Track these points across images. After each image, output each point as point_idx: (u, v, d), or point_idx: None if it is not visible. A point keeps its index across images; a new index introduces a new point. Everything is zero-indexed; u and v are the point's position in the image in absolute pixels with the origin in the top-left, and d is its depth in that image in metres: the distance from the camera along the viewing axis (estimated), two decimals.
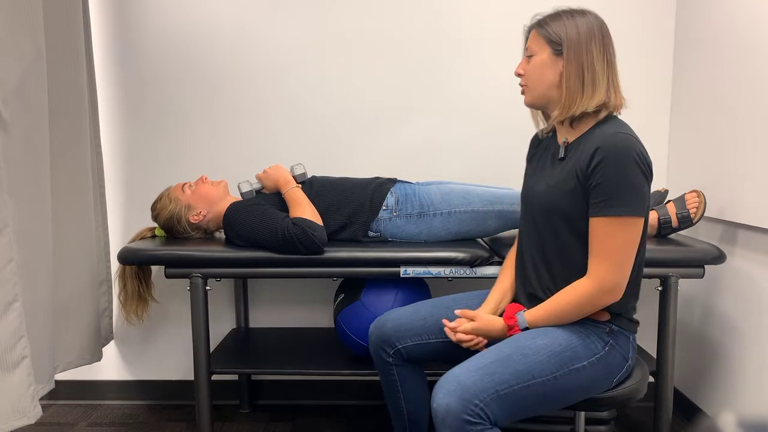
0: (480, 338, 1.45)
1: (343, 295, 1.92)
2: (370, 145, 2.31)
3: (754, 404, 1.81)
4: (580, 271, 1.38)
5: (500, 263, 1.81)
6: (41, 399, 2.24)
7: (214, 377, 1.94)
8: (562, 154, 1.43)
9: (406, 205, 1.90)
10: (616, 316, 1.40)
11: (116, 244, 2.33)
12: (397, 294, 1.86)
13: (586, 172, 1.33)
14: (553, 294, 1.41)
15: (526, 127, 2.29)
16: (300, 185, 1.93)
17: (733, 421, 1.90)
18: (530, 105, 1.48)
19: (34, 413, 1.52)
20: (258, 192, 2.00)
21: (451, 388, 1.26)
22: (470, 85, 2.28)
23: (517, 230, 2.07)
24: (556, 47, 1.38)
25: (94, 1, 2.23)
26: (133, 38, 2.26)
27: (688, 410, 2.13)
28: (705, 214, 2.00)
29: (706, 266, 1.80)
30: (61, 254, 1.91)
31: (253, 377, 2.39)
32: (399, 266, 1.79)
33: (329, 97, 2.29)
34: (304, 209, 1.82)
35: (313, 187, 1.95)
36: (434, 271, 1.80)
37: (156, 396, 2.42)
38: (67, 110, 1.90)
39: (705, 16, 2.04)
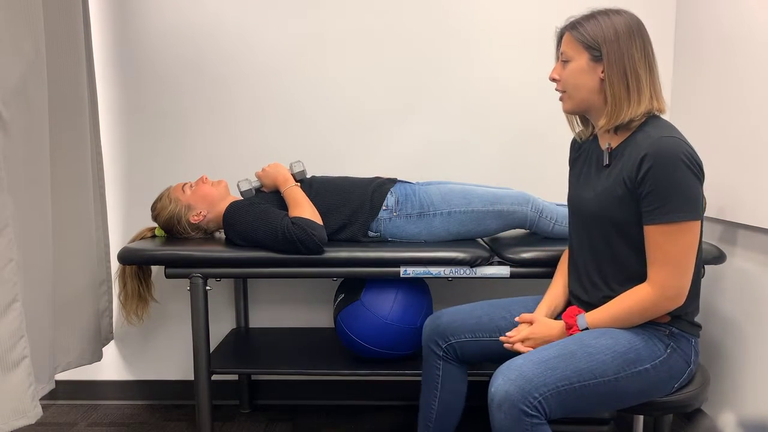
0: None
1: (343, 295, 1.92)
2: (370, 145, 2.31)
3: (754, 404, 1.80)
4: (636, 277, 1.35)
5: (500, 263, 1.81)
6: (41, 399, 2.24)
7: (214, 377, 1.94)
8: (606, 161, 1.39)
9: (406, 205, 1.90)
10: (676, 319, 1.37)
11: (116, 244, 2.33)
12: (397, 294, 1.86)
13: (635, 180, 1.29)
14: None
15: (526, 128, 2.29)
16: (299, 183, 1.93)
17: (733, 421, 1.90)
18: (570, 112, 1.43)
19: (34, 413, 1.51)
20: (257, 190, 2.00)
21: (512, 376, 1.24)
22: (471, 86, 2.28)
23: (519, 230, 2.08)
24: (595, 53, 1.33)
25: (94, 1, 2.23)
26: (133, 38, 2.26)
27: None
28: (705, 214, 1.99)
29: (706, 266, 1.80)
30: (61, 254, 1.90)
31: (253, 377, 2.39)
32: (399, 266, 1.79)
33: (329, 97, 2.29)
34: (303, 208, 1.81)
35: (313, 186, 1.95)
36: (434, 271, 1.80)
37: (156, 396, 2.42)
38: (67, 110, 1.90)
39: (705, 16, 2.04)
